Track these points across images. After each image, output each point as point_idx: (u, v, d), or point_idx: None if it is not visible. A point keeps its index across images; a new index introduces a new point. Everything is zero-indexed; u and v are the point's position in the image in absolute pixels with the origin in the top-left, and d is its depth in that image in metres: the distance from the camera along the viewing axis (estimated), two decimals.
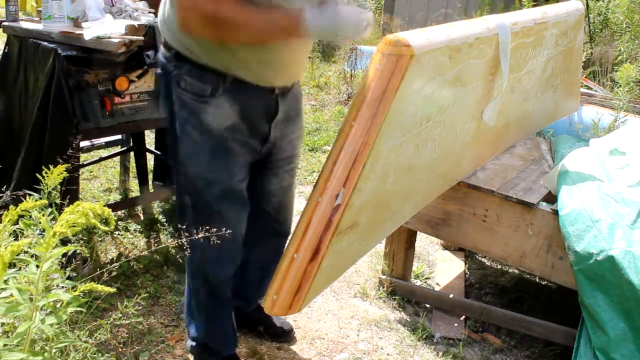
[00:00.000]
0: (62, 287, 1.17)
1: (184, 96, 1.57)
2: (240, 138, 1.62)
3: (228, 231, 1.57)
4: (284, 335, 2.12)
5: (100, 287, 0.99)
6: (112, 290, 1.03)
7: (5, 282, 0.98)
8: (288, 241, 1.45)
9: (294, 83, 1.71)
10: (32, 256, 1.07)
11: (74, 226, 0.90)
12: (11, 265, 0.97)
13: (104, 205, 0.99)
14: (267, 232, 1.93)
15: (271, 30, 1.46)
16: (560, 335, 2.07)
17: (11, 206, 0.99)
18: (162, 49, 1.63)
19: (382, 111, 1.37)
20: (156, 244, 2.63)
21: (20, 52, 2.19)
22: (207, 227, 1.53)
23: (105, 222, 0.96)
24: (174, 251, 2.51)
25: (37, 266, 0.96)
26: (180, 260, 1.90)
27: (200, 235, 1.50)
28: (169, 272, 2.42)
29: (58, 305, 1.11)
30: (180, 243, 1.51)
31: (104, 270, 1.38)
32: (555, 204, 1.99)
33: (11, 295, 0.98)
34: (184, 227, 1.59)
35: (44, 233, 1.07)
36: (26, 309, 0.92)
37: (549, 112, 2.60)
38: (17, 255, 0.91)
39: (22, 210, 0.99)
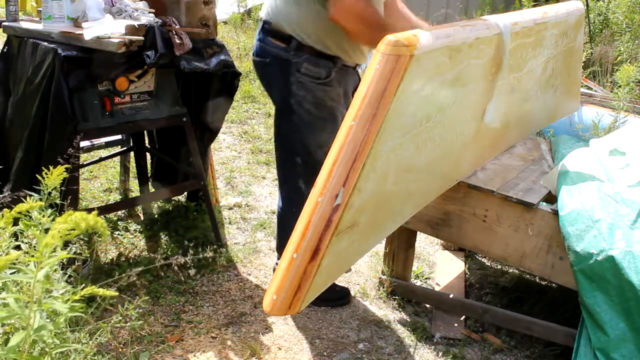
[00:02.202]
0: (63, 287, 1.17)
1: (302, 79, 1.99)
2: (341, 108, 2.09)
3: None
4: None
5: (101, 291, 0.99)
6: (114, 294, 1.02)
7: (3, 285, 0.97)
8: (288, 241, 1.45)
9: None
10: (32, 256, 1.07)
11: (68, 234, 0.89)
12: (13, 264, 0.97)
13: (104, 206, 0.99)
14: None
15: None
16: (560, 335, 2.07)
17: (5, 209, 0.99)
18: (273, 41, 2.02)
19: (381, 111, 1.37)
20: (157, 251, 2.63)
21: (20, 52, 2.19)
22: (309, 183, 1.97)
23: (102, 225, 0.95)
24: (174, 253, 2.51)
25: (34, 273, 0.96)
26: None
27: None
28: (169, 272, 2.42)
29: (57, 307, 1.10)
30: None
31: (103, 276, 1.38)
32: (555, 204, 1.99)
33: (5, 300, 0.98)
34: (288, 182, 2.16)
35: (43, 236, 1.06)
36: (23, 316, 0.91)
37: (549, 112, 2.60)
38: (14, 263, 0.91)
39: (19, 213, 0.99)
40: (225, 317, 2.22)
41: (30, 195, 1.28)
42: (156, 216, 2.85)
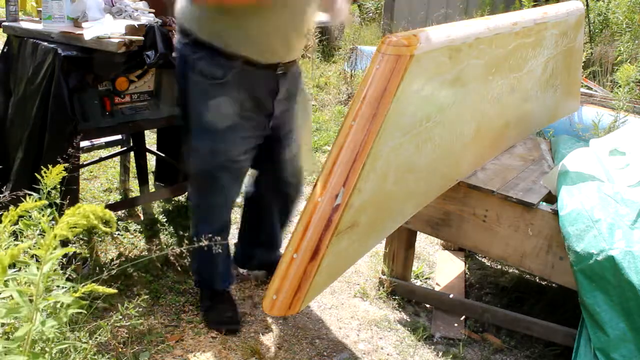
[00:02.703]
0: (63, 287, 1.17)
1: (197, 78, 1.81)
2: (246, 114, 1.87)
3: (222, 197, 1.99)
4: None
5: (101, 289, 0.99)
6: (113, 291, 1.02)
7: (6, 282, 0.97)
8: (288, 241, 1.45)
9: (293, 62, 1.93)
10: (32, 256, 1.07)
11: (75, 227, 0.90)
12: (11, 265, 0.97)
13: (104, 206, 0.99)
14: (284, 197, 2.26)
15: None
16: (560, 335, 2.07)
17: (11, 207, 0.99)
18: (178, 36, 1.89)
19: (382, 111, 1.37)
20: (157, 245, 2.63)
21: (20, 52, 2.19)
22: (204, 192, 1.97)
23: (107, 223, 0.96)
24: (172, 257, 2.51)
25: (38, 268, 0.96)
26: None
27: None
28: (169, 272, 2.42)
29: (58, 305, 1.10)
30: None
31: (104, 274, 1.37)
32: (555, 204, 1.99)
33: (11, 296, 0.98)
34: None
35: (44, 233, 1.07)
36: (26, 311, 0.91)
37: (549, 112, 2.60)
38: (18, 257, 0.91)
39: (22, 211, 0.99)
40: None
41: (30, 195, 1.28)
42: (156, 216, 2.85)
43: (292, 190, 2.28)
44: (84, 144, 2.68)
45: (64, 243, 1.85)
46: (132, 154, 2.94)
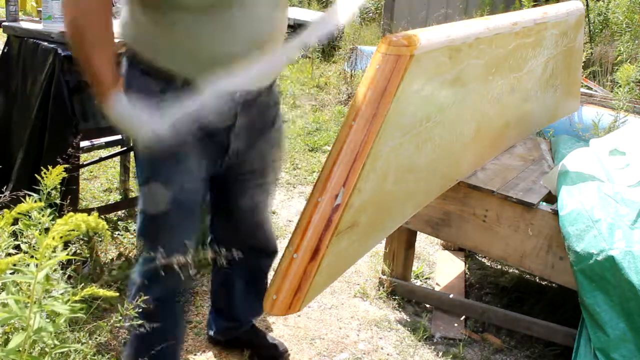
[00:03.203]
0: (63, 288, 1.17)
1: (133, 97, 1.41)
2: (190, 144, 1.47)
3: (163, 239, 1.54)
4: (278, 357, 2.00)
5: (101, 292, 0.98)
6: (114, 294, 1.02)
7: (3, 286, 0.97)
8: (288, 241, 1.45)
9: (261, 90, 1.55)
10: (31, 257, 1.07)
11: (72, 231, 0.89)
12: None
13: (104, 206, 0.99)
14: (247, 250, 1.73)
15: (86, 69, 1.40)
16: (560, 335, 2.07)
17: (5, 210, 0.99)
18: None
19: (381, 111, 1.37)
20: None
21: (20, 52, 2.19)
22: (145, 232, 1.59)
23: (103, 227, 0.94)
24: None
25: (34, 274, 0.95)
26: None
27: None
28: None
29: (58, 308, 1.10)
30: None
31: (116, 277, 1.37)
32: (555, 204, 1.99)
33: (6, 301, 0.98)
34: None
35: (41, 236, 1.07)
36: (23, 318, 0.91)
37: (549, 112, 2.60)
38: (14, 265, 0.91)
39: (19, 214, 0.99)
40: None
41: (30, 195, 1.28)
42: None
43: (258, 245, 1.82)
44: (84, 144, 2.68)
45: (65, 243, 1.85)
46: (132, 154, 2.94)
